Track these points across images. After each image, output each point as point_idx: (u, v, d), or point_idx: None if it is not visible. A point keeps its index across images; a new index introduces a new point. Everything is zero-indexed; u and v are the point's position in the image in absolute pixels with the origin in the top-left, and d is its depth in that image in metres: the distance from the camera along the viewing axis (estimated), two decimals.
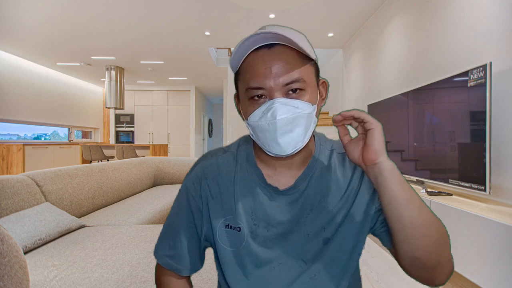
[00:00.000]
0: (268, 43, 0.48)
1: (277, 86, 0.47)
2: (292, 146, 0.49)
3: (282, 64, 0.47)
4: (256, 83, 0.47)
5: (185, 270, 0.59)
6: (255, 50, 0.48)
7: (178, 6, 3.49)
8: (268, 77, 0.47)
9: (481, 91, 1.56)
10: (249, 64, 0.49)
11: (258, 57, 0.48)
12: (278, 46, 0.48)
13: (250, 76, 0.48)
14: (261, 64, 0.47)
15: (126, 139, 8.56)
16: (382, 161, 0.45)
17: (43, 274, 1.11)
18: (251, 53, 0.49)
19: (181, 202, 0.60)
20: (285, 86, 0.47)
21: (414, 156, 2.25)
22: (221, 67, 6.44)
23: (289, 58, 0.47)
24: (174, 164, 3.45)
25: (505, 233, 1.30)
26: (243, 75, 0.50)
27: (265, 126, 0.48)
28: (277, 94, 0.47)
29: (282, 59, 0.47)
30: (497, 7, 1.72)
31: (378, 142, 0.45)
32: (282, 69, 0.47)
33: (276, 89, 0.47)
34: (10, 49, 5.17)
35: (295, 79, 0.47)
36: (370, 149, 0.46)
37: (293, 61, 0.48)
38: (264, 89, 0.47)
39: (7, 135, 5.98)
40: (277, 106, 0.46)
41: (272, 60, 0.47)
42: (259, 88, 0.48)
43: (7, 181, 1.54)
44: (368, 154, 0.46)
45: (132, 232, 1.61)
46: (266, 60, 0.47)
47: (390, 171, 0.45)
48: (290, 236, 0.53)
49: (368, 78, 3.72)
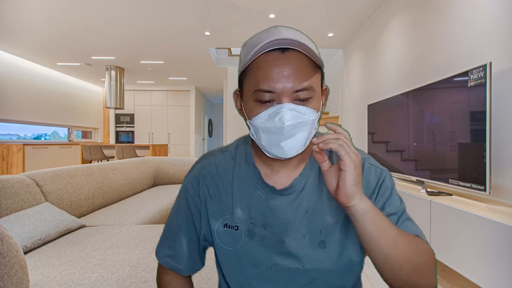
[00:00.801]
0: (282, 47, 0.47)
1: (287, 91, 0.47)
2: (294, 151, 0.49)
3: (294, 70, 0.47)
4: (266, 86, 0.47)
5: (185, 270, 0.60)
6: (267, 51, 0.48)
7: (178, 6, 3.49)
8: (280, 82, 0.47)
9: (481, 91, 1.56)
10: (260, 65, 0.48)
11: (271, 59, 0.47)
12: (291, 51, 0.47)
13: (261, 78, 0.48)
14: (274, 68, 0.47)
15: (126, 139, 8.56)
16: (354, 205, 0.45)
17: (43, 274, 1.11)
18: (263, 54, 0.48)
19: (180, 202, 0.61)
20: (294, 93, 0.47)
21: (414, 156, 2.25)
22: (221, 67, 6.44)
23: (301, 65, 0.47)
24: (174, 164, 3.45)
25: (505, 233, 1.30)
26: (252, 75, 0.49)
27: (272, 129, 0.48)
28: (285, 99, 0.47)
29: (295, 65, 0.47)
30: (497, 7, 1.72)
31: (349, 186, 0.44)
32: (294, 75, 0.47)
33: (286, 94, 0.47)
34: (10, 49, 5.17)
35: (305, 87, 0.47)
36: (341, 192, 0.45)
37: (304, 68, 0.48)
38: (274, 93, 0.47)
39: (7, 135, 5.98)
40: (285, 111, 0.47)
41: (285, 65, 0.47)
42: (269, 91, 0.47)
43: (7, 181, 1.54)
44: (340, 196, 0.46)
45: (132, 232, 1.61)
46: (278, 64, 0.47)
47: (362, 214, 0.45)
48: (287, 237, 0.53)
49: (368, 78, 3.72)
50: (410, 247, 0.47)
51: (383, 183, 0.54)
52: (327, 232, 0.53)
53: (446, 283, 1.77)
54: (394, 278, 0.47)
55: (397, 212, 0.53)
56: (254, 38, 0.50)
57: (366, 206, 0.45)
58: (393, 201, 0.53)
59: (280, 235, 0.53)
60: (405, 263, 0.46)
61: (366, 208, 0.45)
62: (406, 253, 0.46)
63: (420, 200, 1.92)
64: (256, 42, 0.48)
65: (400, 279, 0.47)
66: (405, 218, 0.53)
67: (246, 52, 0.49)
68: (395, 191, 0.55)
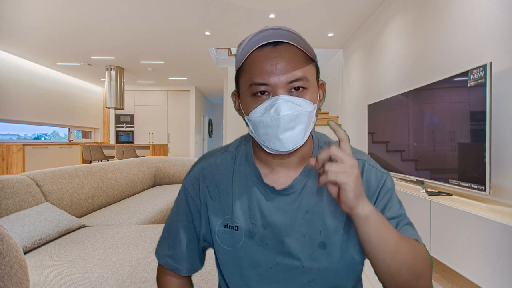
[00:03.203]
0: (273, 40, 0.48)
1: (281, 83, 0.48)
2: (293, 143, 0.49)
3: (287, 62, 0.48)
4: (260, 79, 0.48)
5: (184, 270, 0.60)
6: (259, 47, 0.49)
7: (178, 6, 3.49)
8: (273, 74, 0.47)
9: (481, 91, 1.56)
10: (253, 61, 0.49)
11: (263, 53, 0.49)
12: (283, 45, 0.48)
13: (255, 72, 0.49)
14: (266, 61, 0.48)
15: (126, 139, 8.55)
16: (356, 213, 0.45)
17: (43, 274, 1.11)
18: (256, 50, 0.49)
19: (180, 202, 0.61)
20: (289, 84, 0.48)
21: (414, 156, 2.25)
22: (221, 67, 6.44)
23: (294, 56, 0.48)
24: (174, 164, 3.45)
25: (505, 233, 1.30)
26: (247, 71, 0.50)
27: (268, 122, 0.48)
28: (280, 91, 0.48)
29: (287, 57, 0.48)
30: (497, 7, 1.72)
31: (350, 200, 0.43)
32: (287, 67, 0.48)
33: (280, 86, 0.48)
34: (10, 49, 5.17)
35: (299, 77, 0.48)
36: (343, 203, 0.44)
37: (297, 60, 0.48)
38: (268, 85, 0.48)
39: (7, 135, 5.98)
40: (280, 103, 0.47)
41: (277, 58, 0.48)
42: (263, 84, 0.48)
43: (7, 181, 1.54)
44: (342, 207, 0.45)
45: (132, 232, 1.61)
46: (271, 57, 0.48)
47: (364, 220, 0.45)
48: (287, 237, 0.53)
49: (368, 78, 3.72)
50: (410, 252, 0.47)
51: (384, 187, 0.54)
52: (327, 233, 0.53)
53: (446, 283, 1.77)
54: (392, 282, 0.48)
55: (397, 216, 0.53)
56: (247, 38, 0.51)
57: (369, 211, 0.45)
58: (393, 205, 0.53)
59: (280, 235, 0.53)
60: (404, 268, 0.46)
61: (369, 213, 0.45)
62: (406, 259, 0.46)
63: (420, 200, 1.92)
64: (248, 40, 0.49)
65: (398, 283, 0.47)
66: (405, 222, 0.53)
67: (240, 51, 0.50)
68: (395, 195, 0.55)
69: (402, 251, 0.46)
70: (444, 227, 1.70)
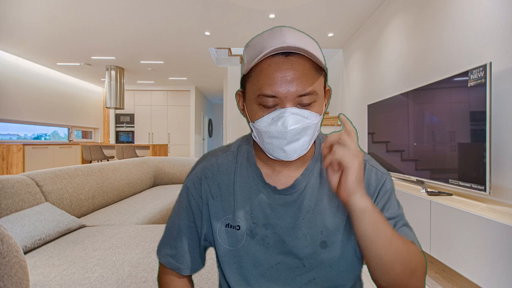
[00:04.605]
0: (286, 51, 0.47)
1: (291, 96, 0.47)
2: (297, 154, 0.50)
3: (298, 75, 0.46)
4: (270, 91, 0.47)
5: (186, 270, 0.60)
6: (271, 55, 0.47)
7: (178, 6, 3.49)
8: (283, 86, 0.46)
9: (481, 91, 1.56)
10: (263, 69, 0.47)
11: (275, 64, 0.47)
12: (295, 55, 0.47)
13: (264, 82, 0.47)
14: (277, 72, 0.46)
15: (126, 139, 8.56)
16: (354, 202, 0.45)
17: (43, 274, 1.11)
18: (267, 58, 0.47)
19: (182, 202, 0.61)
20: (298, 97, 0.47)
21: (414, 156, 2.25)
22: (221, 67, 6.44)
23: (305, 69, 0.47)
24: (174, 164, 3.45)
25: (505, 233, 1.30)
26: (255, 78, 0.49)
27: (274, 133, 0.48)
28: (289, 104, 0.47)
29: (299, 70, 0.47)
30: (497, 7, 1.72)
31: (351, 182, 0.44)
32: (298, 80, 0.46)
33: (289, 99, 0.47)
34: (10, 49, 5.17)
35: (309, 92, 0.47)
36: (343, 188, 0.45)
37: (308, 73, 0.47)
38: (277, 97, 0.47)
39: (7, 135, 5.98)
40: (288, 116, 0.47)
41: (288, 70, 0.46)
42: (272, 96, 0.47)
43: (7, 181, 1.54)
44: (341, 191, 0.46)
45: (132, 232, 1.61)
46: (282, 69, 0.46)
47: (361, 212, 0.45)
48: (288, 237, 0.53)
49: (368, 78, 3.72)
50: (404, 248, 0.47)
51: (383, 187, 0.55)
52: (328, 233, 0.53)
53: (446, 283, 1.77)
54: (384, 278, 0.48)
55: (395, 217, 0.53)
56: (257, 40, 0.49)
57: (366, 204, 0.45)
58: (391, 205, 0.54)
59: (281, 235, 0.53)
60: (398, 263, 0.46)
61: (366, 206, 0.45)
62: (399, 253, 0.46)
63: (420, 200, 1.92)
64: (259, 44, 0.47)
65: (390, 279, 0.47)
66: (402, 223, 0.53)
67: (250, 55, 0.49)
68: (394, 195, 0.55)
69: (397, 246, 0.46)
70: (444, 227, 1.70)
